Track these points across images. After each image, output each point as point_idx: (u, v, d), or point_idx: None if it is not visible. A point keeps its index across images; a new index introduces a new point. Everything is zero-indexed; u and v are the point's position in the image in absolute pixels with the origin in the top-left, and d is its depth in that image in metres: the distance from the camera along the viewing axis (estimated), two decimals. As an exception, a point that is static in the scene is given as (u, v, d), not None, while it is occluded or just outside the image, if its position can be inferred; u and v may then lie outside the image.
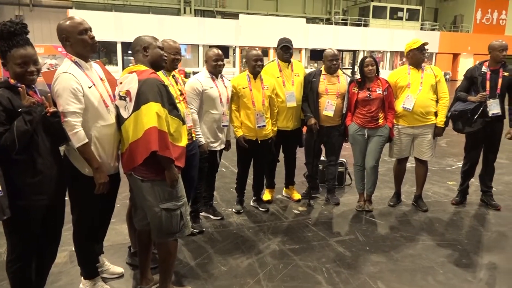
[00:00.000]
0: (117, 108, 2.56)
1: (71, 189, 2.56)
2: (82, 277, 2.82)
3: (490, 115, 4.13)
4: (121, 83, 2.53)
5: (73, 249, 3.14)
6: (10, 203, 2.09)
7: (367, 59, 4.14)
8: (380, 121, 4.16)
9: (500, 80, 4.17)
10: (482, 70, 4.26)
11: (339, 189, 5.02)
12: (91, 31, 2.50)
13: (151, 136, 2.35)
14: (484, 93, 4.13)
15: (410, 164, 4.77)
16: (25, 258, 2.33)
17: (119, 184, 2.81)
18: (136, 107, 2.41)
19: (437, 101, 4.22)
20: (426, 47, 4.17)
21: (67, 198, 2.54)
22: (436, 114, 4.21)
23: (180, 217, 2.58)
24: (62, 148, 2.53)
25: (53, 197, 2.35)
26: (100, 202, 2.63)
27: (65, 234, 2.74)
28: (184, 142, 2.64)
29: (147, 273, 2.88)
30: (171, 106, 2.51)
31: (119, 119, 2.56)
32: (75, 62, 2.45)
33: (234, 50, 23.99)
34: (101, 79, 2.61)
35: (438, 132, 4.25)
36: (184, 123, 2.68)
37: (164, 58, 2.66)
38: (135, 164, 2.45)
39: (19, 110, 2.13)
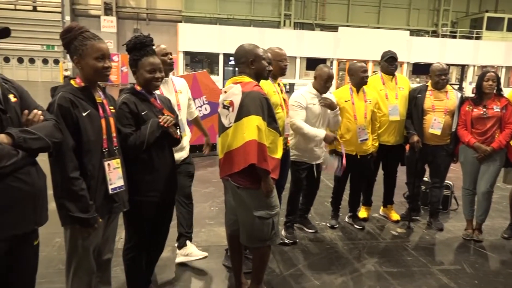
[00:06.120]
0: (219, 115, 2.69)
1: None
2: None
3: None
4: (225, 92, 2.64)
5: (176, 245, 3.36)
6: (128, 198, 2.29)
7: (489, 73, 3.77)
8: (497, 142, 3.77)
9: None
10: None
11: (443, 214, 4.65)
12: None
13: (250, 148, 2.42)
14: None
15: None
16: (139, 248, 2.55)
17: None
18: (238, 118, 2.50)
19: None
20: None
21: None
22: None
23: (272, 226, 2.62)
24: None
25: (164, 195, 2.52)
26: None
27: (172, 230, 2.89)
28: (279, 154, 2.67)
29: (241, 277, 2.95)
30: (270, 118, 2.58)
31: (219, 126, 2.68)
32: None
33: (332, 63, 23.75)
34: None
35: None
36: (280, 135, 2.71)
37: (267, 70, 2.71)
38: (231, 171, 2.55)
39: (161, 124, 2.35)
